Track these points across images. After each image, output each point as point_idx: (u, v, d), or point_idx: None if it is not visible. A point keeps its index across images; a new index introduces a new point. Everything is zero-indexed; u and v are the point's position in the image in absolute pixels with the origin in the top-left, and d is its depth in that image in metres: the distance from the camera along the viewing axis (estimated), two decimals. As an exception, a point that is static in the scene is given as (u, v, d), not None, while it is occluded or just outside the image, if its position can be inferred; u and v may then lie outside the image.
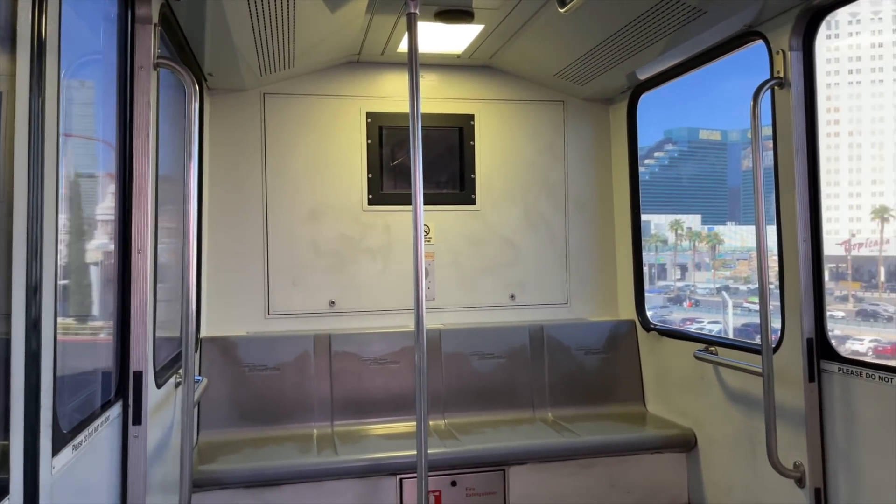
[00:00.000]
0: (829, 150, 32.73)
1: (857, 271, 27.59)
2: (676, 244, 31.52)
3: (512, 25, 3.88)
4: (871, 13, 34.55)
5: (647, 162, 33.54)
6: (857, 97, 34.18)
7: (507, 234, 4.72)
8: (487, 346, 4.45)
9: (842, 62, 34.76)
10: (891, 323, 25.90)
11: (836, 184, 30.81)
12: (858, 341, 15.37)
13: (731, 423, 3.72)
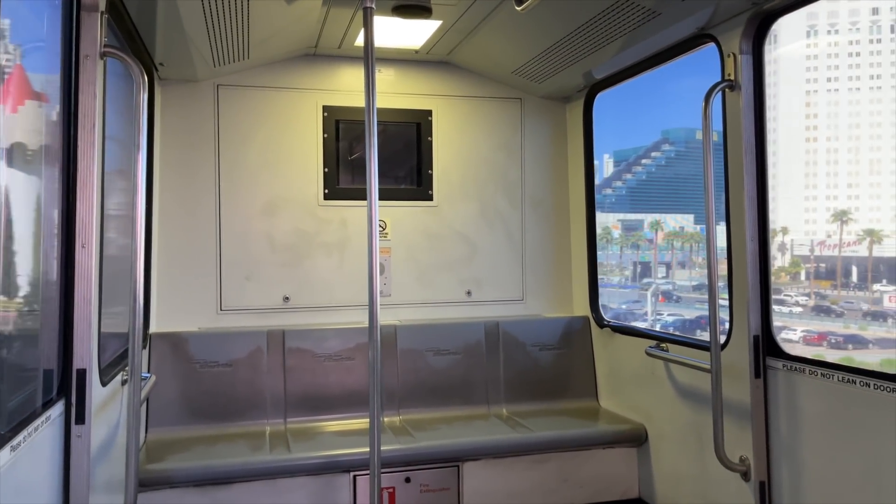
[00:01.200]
0: (808, 155, 33.92)
1: (831, 271, 28.57)
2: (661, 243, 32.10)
3: (470, 22, 3.88)
4: (848, 23, 35.62)
5: (644, 162, 34.05)
6: (836, 104, 35.42)
7: (464, 230, 4.73)
8: (443, 342, 4.45)
9: (820, 70, 35.90)
10: (840, 318, 26.97)
11: (815, 186, 31.91)
12: (793, 331, 16.32)
13: (680, 418, 3.79)
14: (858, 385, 2.73)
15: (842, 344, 16.58)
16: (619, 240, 25.48)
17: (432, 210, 4.67)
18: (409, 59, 4.60)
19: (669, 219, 31.11)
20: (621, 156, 32.99)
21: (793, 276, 25.79)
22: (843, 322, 22.63)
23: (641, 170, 28.58)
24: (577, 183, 4.82)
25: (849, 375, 2.77)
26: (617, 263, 24.82)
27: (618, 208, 21.48)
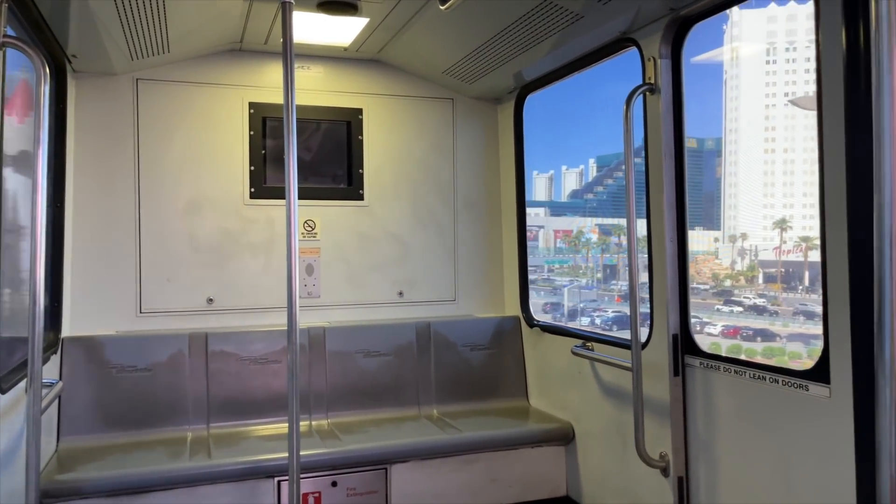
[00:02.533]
0: (767, 166, 35.18)
1: (787, 274, 29.69)
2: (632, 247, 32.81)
3: (398, 20, 3.85)
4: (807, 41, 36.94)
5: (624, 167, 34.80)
6: (793, 117, 36.77)
7: (396, 230, 4.69)
8: (374, 343, 4.41)
9: (778, 85, 37.25)
10: (775, 316, 28.17)
11: (772, 195, 33.15)
12: (714, 326, 17.27)
13: (605, 416, 3.85)
14: (768, 381, 2.81)
15: (751, 337, 17.61)
16: (596, 243, 25.91)
17: (363, 210, 4.62)
18: (339, 57, 4.54)
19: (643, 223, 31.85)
20: (604, 161, 33.55)
21: (749, 279, 26.78)
22: (772, 320, 23.64)
23: (622, 175, 29.01)
24: (508, 184, 4.84)
25: (759, 372, 2.86)
26: (589, 266, 25.31)
27: (599, 213, 21.81)
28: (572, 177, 35.19)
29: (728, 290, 24.87)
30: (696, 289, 23.17)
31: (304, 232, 4.45)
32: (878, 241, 1.15)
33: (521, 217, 4.76)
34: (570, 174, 35.14)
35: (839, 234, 2.43)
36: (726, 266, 27.80)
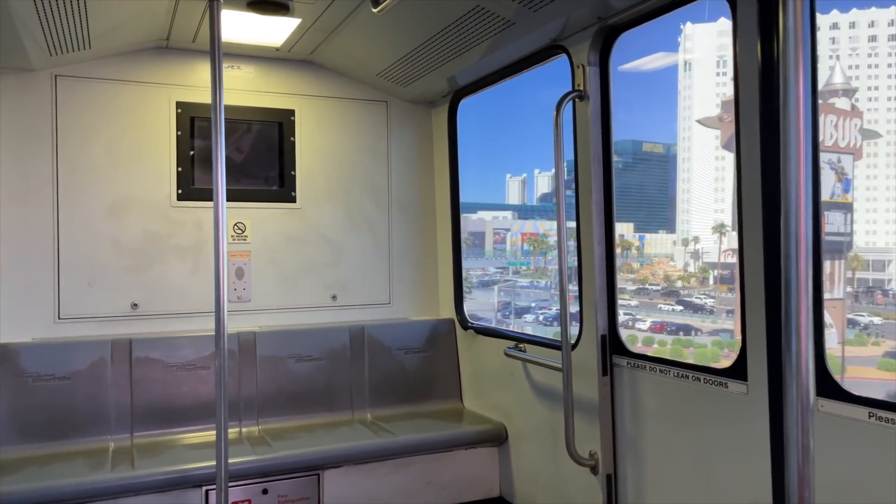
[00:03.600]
0: (718, 172, 36.47)
1: (731, 275, 30.73)
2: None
3: (330, 21, 3.81)
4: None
5: None
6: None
7: (329, 233, 4.65)
8: (306, 348, 4.35)
9: (729, 94, 38.43)
10: (709, 314, 29.25)
11: (723, 200, 34.45)
12: (644, 322, 18.00)
13: (537, 417, 3.90)
14: (690, 380, 2.91)
15: (674, 332, 18.49)
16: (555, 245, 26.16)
17: (295, 212, 4.56)
18: (271, 57, 4.47)
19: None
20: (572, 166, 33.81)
21: (700, 280, 27.71)
22: (703, 317, 24.57)
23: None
24: (442, 187, 4.86)
25: (682, 371, 2.96)
26: (549, 268, 25.75)
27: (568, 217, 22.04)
28: (545, 180, 35.45)
29: (676, 290, 25.66)
30: (647, 289, 23.84)
31: (233, 234, 4.36)
32: (784, 244, 1.20)
33: (456, 220, 4.78)
34: (542, 177, 35.39)
35: (755, 238, 2.54)
36: (680, 268, 28.68)
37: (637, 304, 22.27)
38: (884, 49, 4.98)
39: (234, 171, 4.45)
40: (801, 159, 1.17)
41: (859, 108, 5.88)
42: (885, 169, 5.73)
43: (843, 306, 7.82)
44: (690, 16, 38.08)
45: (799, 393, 1.15)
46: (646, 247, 28.65)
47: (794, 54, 1.18)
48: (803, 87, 1.18)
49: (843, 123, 5.77)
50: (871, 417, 2.20)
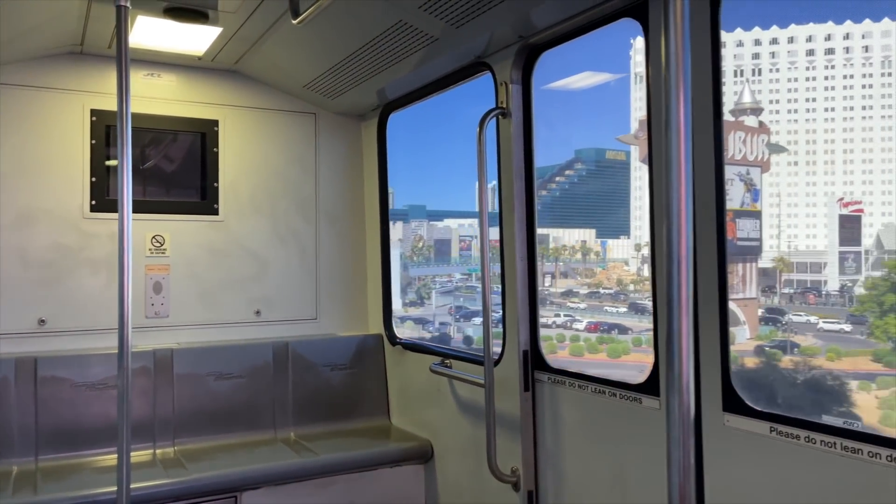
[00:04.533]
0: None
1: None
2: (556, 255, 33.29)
3: (253, 31, 3.74)
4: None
5: (558, 179, 35.17)
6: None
7: (254, 246, 4.54)
8: (227, 365, 4.22)
9: (728, 85, 39.53)
10: (649, 315, 30.02)
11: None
12: (580, 322, 18.46)
13: (462, 433, 3.88)
14: (607, 395, 2.93)
15: (606, 331, 19.05)
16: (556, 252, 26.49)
17: (218, 225, 4.43)
18: (194, 66, 4.35)
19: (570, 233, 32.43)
20: (541, 173, 34.16)
21: (648, 283, 28.56)
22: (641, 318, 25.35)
23: (555, 187, 29.89)
24: (372, 200, 4.82)
25: (599, 386, 2.98)
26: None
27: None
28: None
29: (626, 293, 26.21)
30: (599, 293, 24.23)
31: (151, 248, 4.21)
32: (668, 264, 1.21)
33: (385, 234, 4.74)
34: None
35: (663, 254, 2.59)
36: (633, 272, 29.41)
37: (585, 307, 22.69)
38: (821, 62, 5.30)
39: (155, 182, 4.31)
40: (682, 180, 1.19)
41: (767, 125, 6.27)
42: (805, 177, 6.07)
43: (755, 305, 8.26)
44: (613, 36, 39.33)
45: (681, 412, 1.15)
46: (608, 252, 29.27)
47: (676, 73, 1.19)
48: (683, 105, 1.19)
49: (750, 139, 6.11)
50: (773, 432, 2.25)
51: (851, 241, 4.20)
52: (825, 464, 2.12)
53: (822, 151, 4.69)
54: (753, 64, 4.61)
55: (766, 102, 4.82)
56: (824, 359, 6.04)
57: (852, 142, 4.30)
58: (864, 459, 2.01)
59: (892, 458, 1.94)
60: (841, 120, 4.39)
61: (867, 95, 4.26)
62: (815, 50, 4.58)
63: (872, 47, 4.09)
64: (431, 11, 3.10)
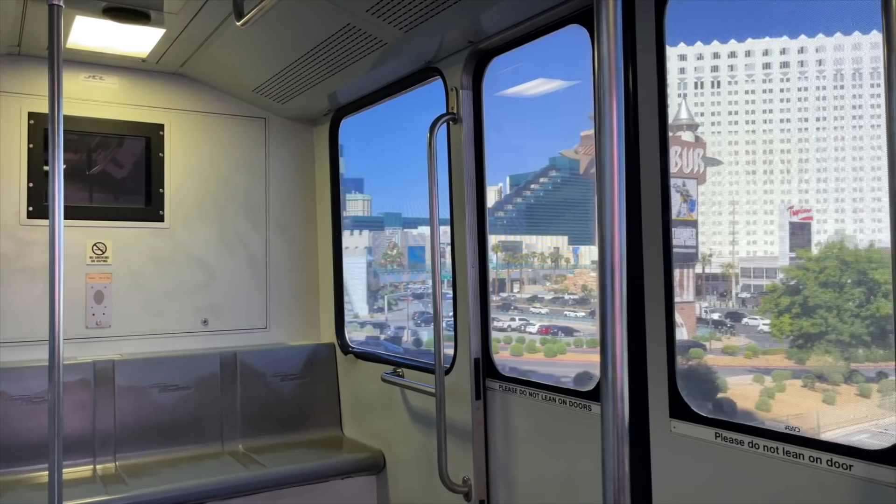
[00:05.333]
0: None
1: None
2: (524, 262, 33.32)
3: (198, 33, 3.65)
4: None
5: (533, 187, 35.29)
6: None
7: (201, 254, 4.42)
8: (172, 376, 4.09)
9: (689, 97, 40.15)
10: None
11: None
12: (533, 325, 18.87)
13: (414, 443, 3.82)
14: (557, 403, 2.92)
15: (555, 334, 19.45)
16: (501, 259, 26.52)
17: (163, 232, 4.30)
18: (138, 69, 4.23)
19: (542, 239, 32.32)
20: (517, 180, 34.29)
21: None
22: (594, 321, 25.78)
23: (531, 195, 30.19)
24: (324, 207, 4.74)
25: (550, 394, 2.96)
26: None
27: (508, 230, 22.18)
28: (492, 194, 35.44)
29: (588, 298, 26.50)
30: (562, 298, 24.41)
31: (93, 256, 4.06)
32: (601, 272, 1.19)
33: (338, 241, 4.67)
34: (490, 192, 35.41)
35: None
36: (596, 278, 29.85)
37: (547, 311, 22.91)
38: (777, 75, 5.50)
39: (101, 188, 4.17)
40: (615, 188, 1.17)
41: (703, 139, 6.47)
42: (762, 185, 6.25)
43: (693, 309, 8.55)
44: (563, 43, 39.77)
45: (615, 423, 1.13)
46: (580, 258, 29.54)
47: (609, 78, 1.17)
48: (616, 111, 1.17)
49: (686, 153, 6.29)
50: (718, 438, 2.26)
51: (802, 247, 4.36)
52: (768, 469, 2.13)
53: (779, 161, 4.87)
54: (712, 76, 4.76)
55: (725, 114, 4.97)
56: (742, 357, 6.29)
57: (807, 151, 4.47)
58: (805, 464, 2.03)
59: (832, 463, 1.95)
60: (796, 131, 4.57)
61: (821, 107, 4.44)
62: (771, 63, 4.76)
63: (826, 61, 4.28)
64: (380, 16, 3.06)
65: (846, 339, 3.00)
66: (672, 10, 2.44)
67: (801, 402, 4.34)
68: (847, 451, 1.94)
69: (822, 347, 4.26)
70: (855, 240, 3.77)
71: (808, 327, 4.29)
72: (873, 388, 3.23)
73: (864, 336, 3.37)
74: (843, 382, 3.90)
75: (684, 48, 4.55)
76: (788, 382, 4.69)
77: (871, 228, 3.70)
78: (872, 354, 3.35)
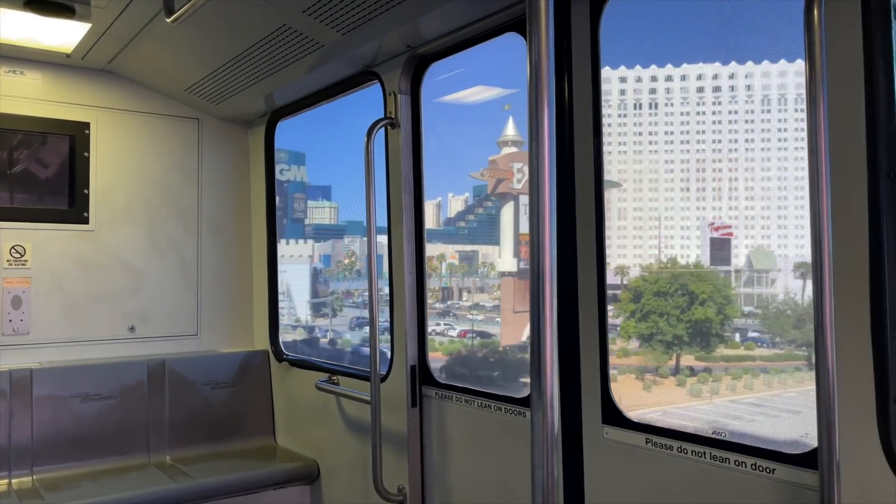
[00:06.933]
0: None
1: None
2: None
3: (127, 29, 3.51)
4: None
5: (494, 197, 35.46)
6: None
7: (128, 258, 4.25)
8: (95, 385, 3.91)
9: (612, 135, 40.74)
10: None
11: (624, 218, 36.35)
12: (454, 329, 19.05)
13: (349, 452, 3.76)
14: (493, 409, 2.91)
15: (473, 337, 19.86)
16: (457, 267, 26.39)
17: (88, 235, 4.12)
18: (63, 64, 4.05)
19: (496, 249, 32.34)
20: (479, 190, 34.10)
21: None
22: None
23: (491, 205, 30.22)
24: (259, 211, 4.63)
25: (486, 401, 2.96)
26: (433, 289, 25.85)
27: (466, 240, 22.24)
28: (458, 203, 34.86)
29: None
30: (499, 306, 24.53)
31: (10, 259, 3.86)
32: (532, 280, 1.18)
33: (272, 245, 4.56)
34: (455, 201, 34.88)
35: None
36: None
37: (483, 318, 23.13)
38: (709, 98, 5.67)
39: (24, 188, 3.97)
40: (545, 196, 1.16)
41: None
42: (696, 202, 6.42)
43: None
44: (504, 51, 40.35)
45: (544, 432, 1.12)
46: None
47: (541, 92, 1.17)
48: (548, 125, 1.17)
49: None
50: (648, 443, 2.29)
51: (722, 261, 4.57)
52: (696, 473, 2.17)
53: (711, 179, 5.05)
54: (650, 98, 4.89)
55: (662, 133, 5.12)
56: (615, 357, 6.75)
57: (736, 171, 4.65)
58: (731, 468, 2.07)
59: (756, 466, 2.01)
60: (727, 151, 4.75)
61: (749, 129, 4.63)
62: (704, 87, 4.93)
63: (754, 86, 4.46)
64: (318, 17, 3.01)
65: (669, 338, 3.47)
66: (612, 35, 2.48)
67: (626, 389, 4.90)
68: (770, 455, 1.99)
69: (652, 346, 4.78)
70: (775, 255, 4.07)
71: (643, 329, 4.79)
72: (686, 379, 3.70)
73: (684, 337, 3.81)
74: (669, 375, 4.41)
75: (625, 71, 4.71)
76: (624, 375, 5.20)
77: (795, 245, 3.96)
78: (691, 352, 3.81)
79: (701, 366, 3.85)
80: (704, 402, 3.76)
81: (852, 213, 1.77)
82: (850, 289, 1.75)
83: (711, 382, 3.85)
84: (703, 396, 3.77)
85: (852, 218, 1.77)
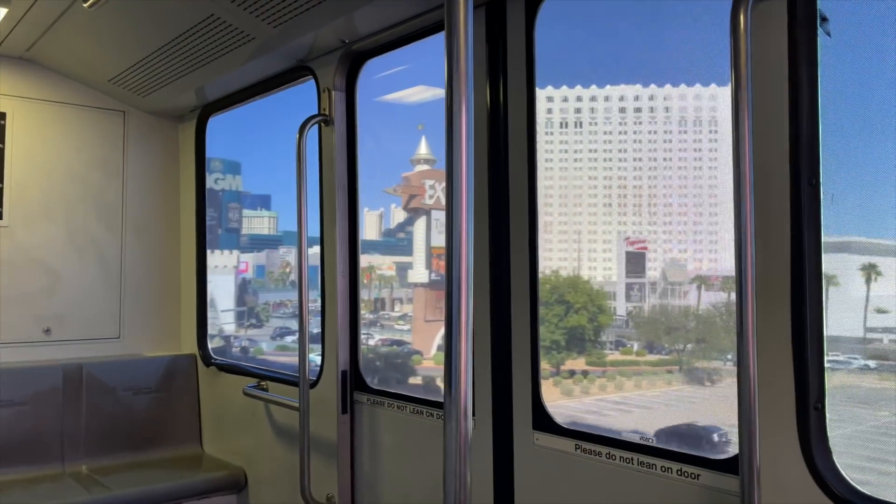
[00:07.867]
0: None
1: None
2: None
3: (45, 15, 3.32)
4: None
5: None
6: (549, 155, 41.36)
7: (44, 257, 4.02)
8: (5, 391, 3.68)
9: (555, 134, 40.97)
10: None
11: (549, 231, 36.74)
12: (374, 338, 19.16)
13: (277, 460, 3.64)
14: (425, 416, 2.85)
15: (389, 345, 20.08)
16: (387, 279, 26.15)
17: (1, 232, 3.88)
18: None
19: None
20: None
21: None
22: None
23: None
24: (188, 210, 4.45)
25: (418, 407, 2.89)
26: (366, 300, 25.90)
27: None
28: (400, 214, 34.33)
29: None
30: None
31: None
32: (447, 290, 1.13)
33: (202, 246, 4.39)
34: (398, 212, 34.38)
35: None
36: None
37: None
38: (631, 118, 5.82)
39: None
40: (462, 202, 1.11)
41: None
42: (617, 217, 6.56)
43: None
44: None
45: (457, 441, 1.06)
46: None
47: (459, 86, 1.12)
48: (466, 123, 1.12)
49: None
50: (577, 449, 2.27)
51: (637, 274, 4.67)
52: (625, 479, 2.15)
53: (632, 196, 5.17)
54: (576, 117, 4.98)
55: (587, 151, 5.22)
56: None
57: (655, 188, 4.79)
58: (658, 474, 2.06)
59: (682, 472, 2.00)
60: (647, 169, 4.89)
61: (667, 149, 4.78)
62: (626, 108, 5.06)
63: (672, 108, 4.62)
64: (247, 9, 2.90)
65: (548, 343, 3.68)
66: (541, 56, 2.46)
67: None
68: (695, 461, 1.99)
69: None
70: (686, 268, 4.26)
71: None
72: (562, 380, 3.94)
73: (561, 342, 4.04)
74: (549, 377, 4.63)
75: (552, 91, 4.80)
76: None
77: (708, 259, 4.13)
78: (566, 356, 4.06)
79: (591, 370, 4.03)
80: (573, 399, 3.98)
81: (774, 220, 1.78)
82: (772, 296, 1.76)
83: (585, 383, 4.05)
84: (574, 395, 3.99)
85: (774, 225, 1.78)
